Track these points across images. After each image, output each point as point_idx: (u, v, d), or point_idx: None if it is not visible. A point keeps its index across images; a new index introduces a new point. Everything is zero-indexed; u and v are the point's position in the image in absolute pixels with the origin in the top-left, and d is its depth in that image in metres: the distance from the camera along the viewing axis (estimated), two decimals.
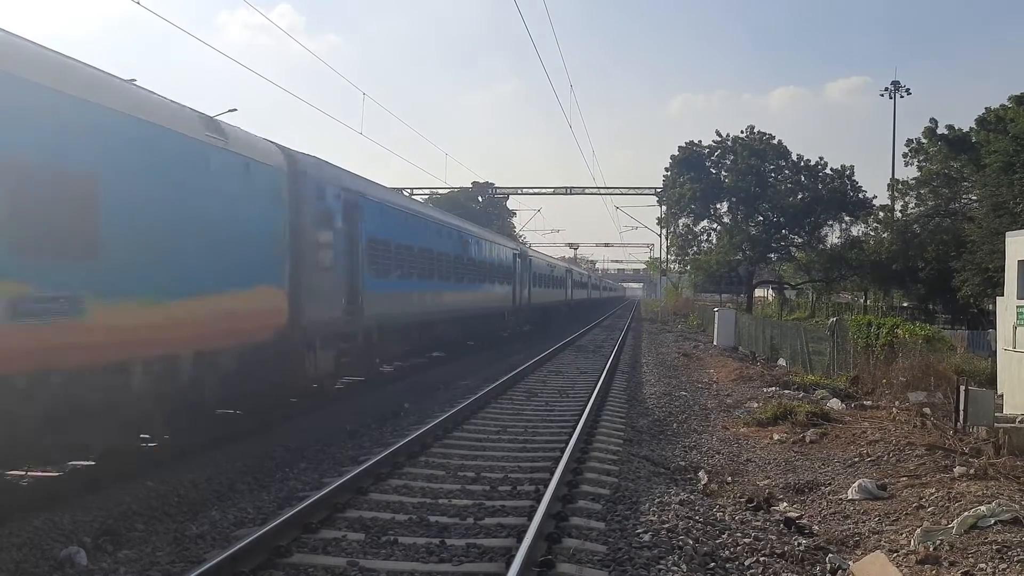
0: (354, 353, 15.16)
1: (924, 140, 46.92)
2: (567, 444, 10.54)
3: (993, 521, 7.50)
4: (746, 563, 6.91)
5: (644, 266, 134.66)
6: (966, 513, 7.72)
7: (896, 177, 51.49)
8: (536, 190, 71.05)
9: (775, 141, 54.75)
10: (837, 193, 52.69)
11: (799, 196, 53.62)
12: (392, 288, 17.32)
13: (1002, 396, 14.20)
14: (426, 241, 20.08)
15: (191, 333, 9.83)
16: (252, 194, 11.33)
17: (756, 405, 15.75)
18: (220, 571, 5.96)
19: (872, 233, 53.08)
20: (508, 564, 6.17)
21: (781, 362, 24.97)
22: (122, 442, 9.19)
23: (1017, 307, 13.98)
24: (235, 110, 20.48)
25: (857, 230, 54.30)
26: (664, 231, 65.92)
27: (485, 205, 73.43)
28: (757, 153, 53.95)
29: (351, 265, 14.61)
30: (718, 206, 56.96)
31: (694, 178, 54.84)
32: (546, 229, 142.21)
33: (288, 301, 12.17)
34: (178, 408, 9.87)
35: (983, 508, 7.75)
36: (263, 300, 11.61)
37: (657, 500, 8.58)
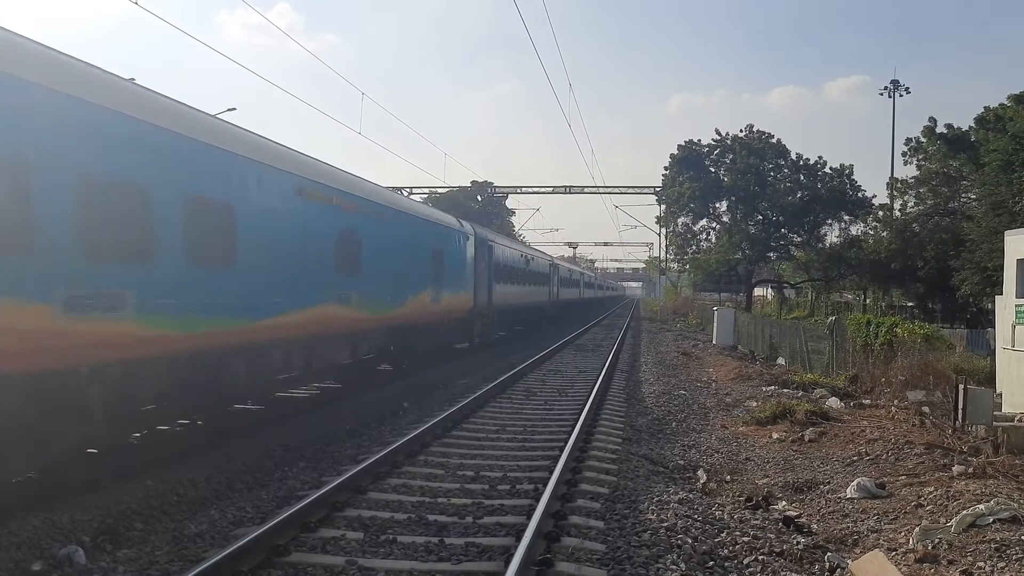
0: (488, 325, 28.37)
1: (923, 139, 46.92)
2: (566, 443, 10.55)
3: (992, 519, 7.51)
4: (745, 562, 6.92)
5: (643, 265, 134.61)
6: (965, 512, 7.73)
7: (895, 176, 51.54)
8: (535, 189, 71.10)
9: (774, 140, 54.77)
10: (836, 192, 52.67)
11: (798, 195, 53.60)
12: (503, 289, 30.27)
13: (1001, 395, 14.20)
14: (513, 261, 33.22)
15: (452, 309, 22.61)
16: (465, 249, 24.28)
17: (755, 404, 15.76)
18: (219, 570, 5.96)
19: (871, 232, 53.08)
20: (507, 563, 6.17)
21: (780, 361, 24.98)
22: (439, 345, 22.20)
23: (1016, 306, 13.99)
24: (234, 109, 20.66)
25: (856, 229, 54.34)
26: (663, 230, 65.99)
27: (484, 204, 73.38)
28: (756, 152, 53.93)
29: (488, 277, 27.35)
30: (717, 205, 56.97)
31: (693, 177, 54.84)
32: (545, 228, 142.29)
33: (472, 296, 24.84)
34: (436, 341, 21.88)
35: (982, 507, 7.75)
36: (465, 297, 24.21)
37: (656, 499, 8.58)
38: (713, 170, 55.63)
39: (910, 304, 48.98)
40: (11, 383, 7.21)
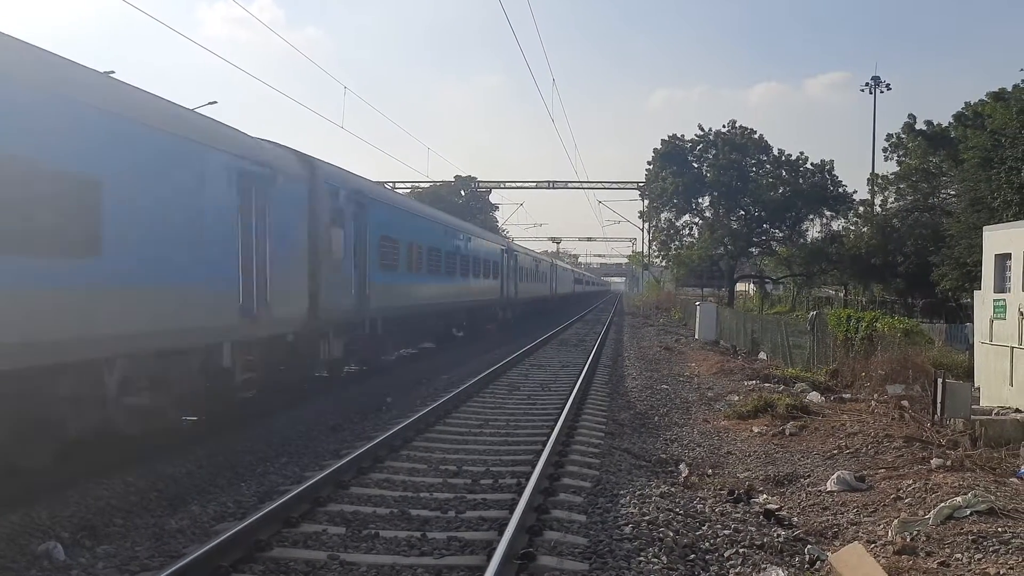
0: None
1: (903, 135, 47.25)
2: (548, 437, 10.56)
3: (969, 512, 7.59)
4: (726, 555, 6.95)
5: (627, 260, 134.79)
6: (943, 504, 7.80)
7: (876, 172, 51.88)
8: (519, 184, 71.22)
9: (756, 136, 54.98)
10: (817, 188, 52.96)
11: (780, 191, 53.85)
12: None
13: (979, 388, 14.36)
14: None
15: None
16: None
17: (737, 398, 15.84)
18: (199, 566, 5.93)
19: (852, 228, 53.42)
20: (489, 557, 6.18)
21: (762, 355, 25.12)
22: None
23: (994, 300, 14.14)
24: (215, 102, 20.39)
25: (837, 225, 54.69)
26: (646, 225, 66.13)
27: (468, 199, 73.28)
28: (739, 148, 54.12)
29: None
30: (700, 200, 57.14)
31: (676, 172, 54.96)
32: (529, 223, 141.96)
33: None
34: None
35: (959, 499, 7.83)
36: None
37: (638, 493, 8.61)
38: (696, 165, 55.78)
39: (891, 299, 49.38)
40: None
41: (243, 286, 11.44)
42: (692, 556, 6.85)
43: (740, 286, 69.86)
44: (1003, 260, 14.12)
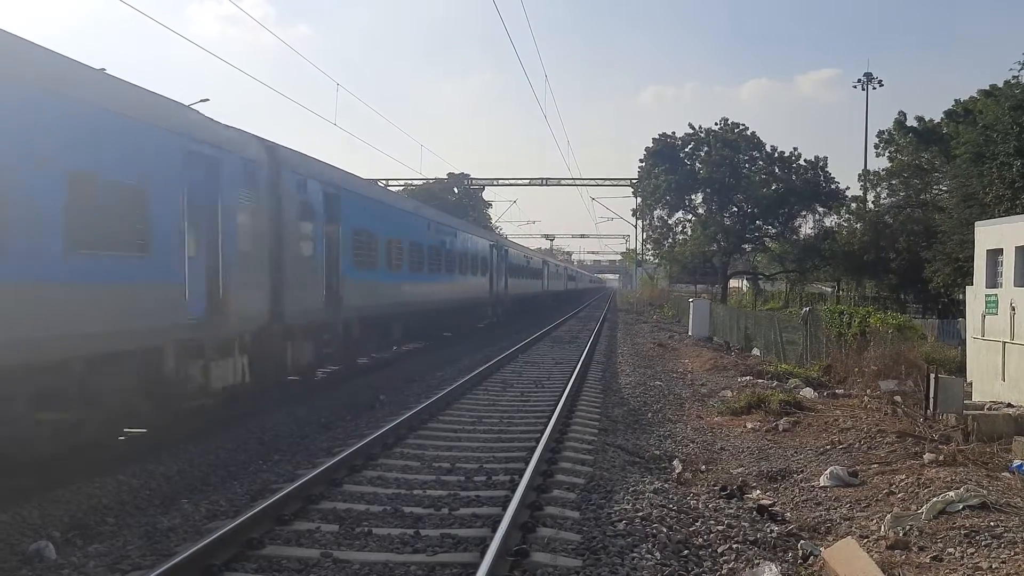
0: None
1: (895, 131, 47.33)
2: (542, 434, 10.55)
3: (961, 506, 7.62)
4: (719, 550, 6.96)
5: (620, 257, 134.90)
6: (935, 499, 7.82)
7: (868, 168, 51.96)
8: (512, 181, 71.09)
9: (748, 132, 54.97)
10: (810, 184, 52.99)
11: (773, 187, 53.88)
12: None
13: (971, 384, 14.40)
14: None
15: None
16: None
17: (730, 394, 15.86)
18: (191, 564, 5.90)
19: (845, 224, 53.49)
20: (482, 554, 6.17)
21: (755, 352, 25.15)
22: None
23: (986, 295, 14.18)
24: (207, 100, 20.31)
25: (830, 221, 54.73)
26: (639, 222, 66.15)
27: (460, 196, 73.21)
28: (731, 145, 54.11)
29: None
30: (693, 197, 57.14)
31: (668, 170, 54.93)
32: (522, 220, 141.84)
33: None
34: None
35: (952, 494, 7.86)
36: None
37: (631, 489, 8.61)
38: (688, 163, 55.77)
39: (884, 295, 49.45)
40: None
41: (190, 283, 10.17)
42: (685, 552, 6.85)
43: (733, 282, 69.89)
44: (995, 255, 14.16)
